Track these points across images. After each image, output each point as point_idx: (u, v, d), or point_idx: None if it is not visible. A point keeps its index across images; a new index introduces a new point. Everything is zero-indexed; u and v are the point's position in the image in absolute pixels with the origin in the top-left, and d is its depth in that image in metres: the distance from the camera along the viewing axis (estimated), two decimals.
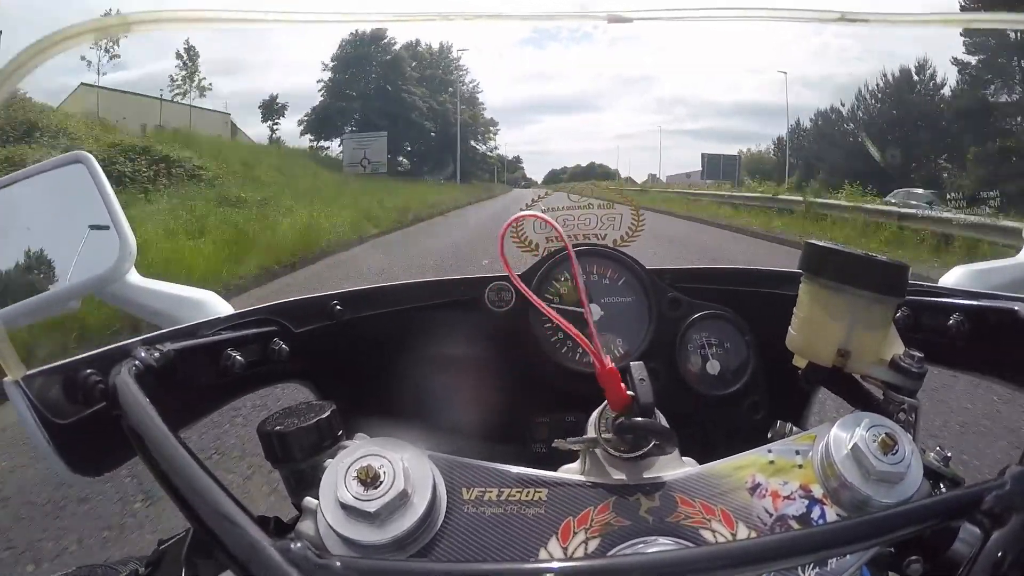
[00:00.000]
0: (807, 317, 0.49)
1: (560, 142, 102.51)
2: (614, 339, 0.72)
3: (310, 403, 0.43)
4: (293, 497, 0.41)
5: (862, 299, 0.46)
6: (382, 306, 0.69)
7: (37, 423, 0.39)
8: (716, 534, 0.38)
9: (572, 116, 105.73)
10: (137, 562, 0.49)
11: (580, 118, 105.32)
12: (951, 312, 0.54)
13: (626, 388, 0.40)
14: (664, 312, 0.72)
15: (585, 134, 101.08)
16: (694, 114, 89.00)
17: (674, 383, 0.70)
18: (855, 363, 0.47)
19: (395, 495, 0.34)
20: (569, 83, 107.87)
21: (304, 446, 0.40)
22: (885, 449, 0.38)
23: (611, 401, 0.41)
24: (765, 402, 0.71)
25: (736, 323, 0.72)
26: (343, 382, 0.66)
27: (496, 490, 0.39)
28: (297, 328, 0.62)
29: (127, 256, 0.60)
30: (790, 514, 0.39)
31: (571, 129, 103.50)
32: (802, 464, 0.41)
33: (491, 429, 0.66)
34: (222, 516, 0.30)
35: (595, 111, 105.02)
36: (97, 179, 0.62)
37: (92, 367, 0.43)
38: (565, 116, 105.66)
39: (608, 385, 0.40)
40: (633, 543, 0.37)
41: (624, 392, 0.40)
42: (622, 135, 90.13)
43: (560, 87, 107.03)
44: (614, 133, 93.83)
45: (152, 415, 0.35)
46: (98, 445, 0.43)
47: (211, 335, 0.54)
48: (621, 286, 0.74)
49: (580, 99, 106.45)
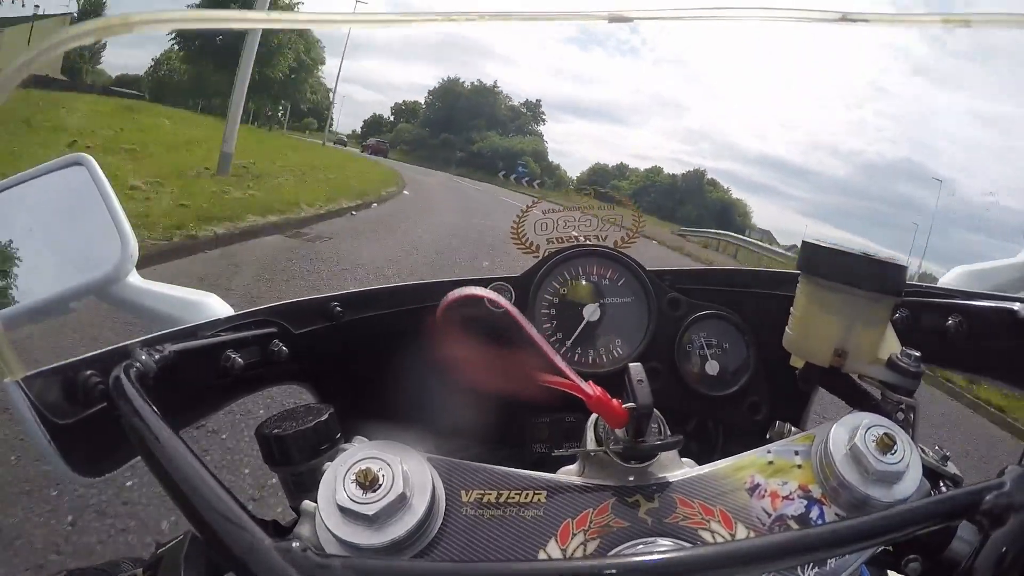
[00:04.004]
0: (804, 316, 0.49)
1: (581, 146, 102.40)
2: (614, 339, 0.72)
3: (308, 406, 0.43)
4: (291, 500, 0.41)
5: (859, 298, 0.46)
6: (382, 307, 0.69)
7: (37, 423, 0.39)
8: (715, 535, 0.38)
9: (599, 124, 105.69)
10: (130, 563, 0.48)
11: (606, 128, 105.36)
12: (950, 312, 0.54)
13: (621, 402, 0.40)
14: (664, 312, 0.72)
15: (608, 144, 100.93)
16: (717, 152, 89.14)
17: (674, 383, 0.70)
18: (852, 363, 0.47)
19: (394, 498, 0.34)
20: (604, 90, 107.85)
21: (302, 449, 0.40)
22: (883, 449, 0.38)
23: (608, 421, 0.40)
24: (765, 402, 0.71)
25: (736, 323, 0.72)
26: (343, 383, 0.66)
27: (495, 492, 0.39)
28: (297, 329, 0.62)
29: (128, 258, 0.60)
30: (789, 514, 0.39)
31: (596, 136, 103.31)
32: (801, 464, 0.41)
33: (490, 430, 0.66)
34: (223, 516, 0.30)
35: (623, 125, 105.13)
36: (97, 181, 0.62)
37: (92, 368, 0.43)
38: (592, 122, 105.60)
39: (600, 410, 0.40)
40: (632, 544, 0.37)
41: (618, 409, 0.39)
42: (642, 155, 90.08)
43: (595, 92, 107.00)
44: (634, 151, 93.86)
45: (152, 416, 0.35)
46: (99, 446, 0.43)
47: (211, 336, 0.54)
48: (621, 287, 0.74)
49: (611, 109, 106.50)
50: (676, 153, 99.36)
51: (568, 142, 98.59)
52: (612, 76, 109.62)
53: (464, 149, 52.26)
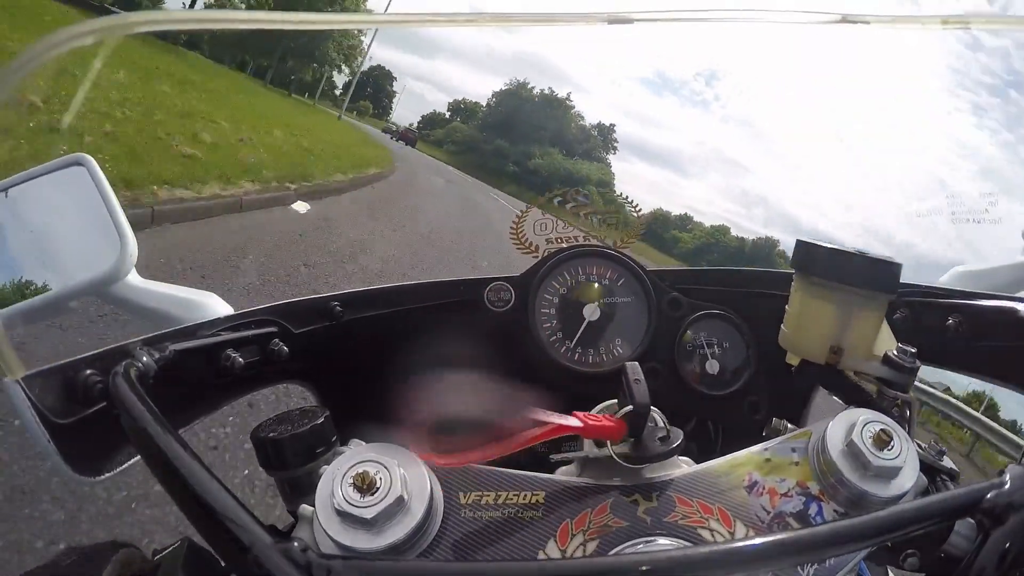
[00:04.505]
0: (799, 314, 0.50)
1: (635, 187, 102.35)
2: (614, 339, 0.72)
3: (304, 409, 0.43)
4: (288, 504, 0.41)
5: (854, 296, 0.46)
6: (382, 307, 0.69)
7: (37, 423, 0.39)
8: (714, 533, 0.38)
9: (658, 169, 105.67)
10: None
11: (664, 174, 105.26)
12: (950, 312, 0.55)
13: (615, 410, 0.40)
14: (664, 312, 0.72)
15: (662, 191, 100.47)
16: (768, 220, 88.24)
17: (674, 383, 0.70)
18: (848, 360, 0.47)
19: (392, 501, 0.34)
20: (669, 136, 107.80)
21: (298, 453, 0.40)
22: (880, 444, 0.38)
23: (607, 439, 0.40)
24: (764, 401, 0.71)
25: (736, 323, 0.72)
26: (342, 383, 0.66)
27: (493, 494, 0.39)
28: (297, 329, 0.62)
29: (127, 257, 0.60)
30: (787, 511, 0.39)
31: (652, 180, 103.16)
32: (798, 461, 0.41)
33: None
34: (223, 516, 0.30)
35: (681, 174, 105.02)
36: (97, 181, 0.62)
37: (92, 367, 0.43)
38: (652, 166, 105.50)
39: (594, 435, 0.39)
40: (632, 544, 0.37)
41: (610, 426, 0.39)
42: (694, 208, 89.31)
43: (660, 136, 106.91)
44: (688, 202, 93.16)
45: (152, 415, 0.35)
46: (99, 445, 0.43)
47: (211, 335, 0.54)
48: (621, 287, 0.74)
49: (672, 156, 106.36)
50: (729, 213, 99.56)
51: (623, 180, 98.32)
52: (679, 124, 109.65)
53: (519, 163, 48.30)
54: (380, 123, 41.15)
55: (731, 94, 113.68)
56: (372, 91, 46.99)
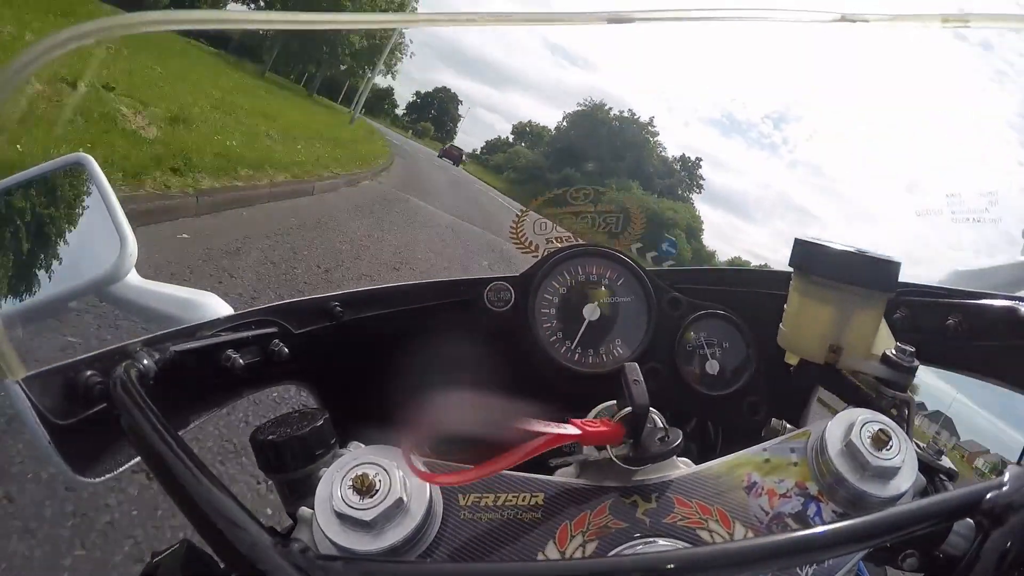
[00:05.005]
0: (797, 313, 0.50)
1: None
2: (614, 339, 0.72)
3: (302, 411, 0.43)
4: (288, 507, 0.41)
5: (852, 295, 0.46)
6: (382, 307, 0.69)
7: (37, 424, 0.39)
8: (713, 534, 0.38)
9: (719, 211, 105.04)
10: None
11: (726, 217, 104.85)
12: (950, 311, 0.55)
13: (613, 414, 0.40)
14: (664, 312, 0.72)
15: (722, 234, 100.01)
16: None
17: (674, 383, 0.70)
18: (847, 359, 0.47)
19: (391, 503, 0.34)
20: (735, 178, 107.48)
21: (297, 455, 0.40)
22: (879, 444, 0.38)
23: (606, 443, 0.40)
24: (764, 402, 0.71)
25: (736, 323, 0.72)
26: (343, 383, 0.66)
27: (492, 495, 0.39)
28: (297, 329, 0.62)
29: (127, 257, 0.60)
30: (786, 512, 0.39)
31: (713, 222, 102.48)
32: (797, 462, 0.41)
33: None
34: (223, 516, 0.30)
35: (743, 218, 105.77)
36: (97, 180, 0.62)
37: (92, 368, 0.43)
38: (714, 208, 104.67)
39: (592, 441, 0.39)
40: (631, 545, 0.37)
41: (608, 430, 0.39)
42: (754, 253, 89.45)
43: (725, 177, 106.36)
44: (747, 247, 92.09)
45: (153, 416, 0.35)
46: (99, 446, 0.43)
47: (211, 336, 0.54)
48: (621, 286, 0.74)
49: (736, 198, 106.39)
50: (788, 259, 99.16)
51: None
52: (746, 166, 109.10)
53: None
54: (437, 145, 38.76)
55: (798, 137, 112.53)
56: (436, 113, 45.11)
